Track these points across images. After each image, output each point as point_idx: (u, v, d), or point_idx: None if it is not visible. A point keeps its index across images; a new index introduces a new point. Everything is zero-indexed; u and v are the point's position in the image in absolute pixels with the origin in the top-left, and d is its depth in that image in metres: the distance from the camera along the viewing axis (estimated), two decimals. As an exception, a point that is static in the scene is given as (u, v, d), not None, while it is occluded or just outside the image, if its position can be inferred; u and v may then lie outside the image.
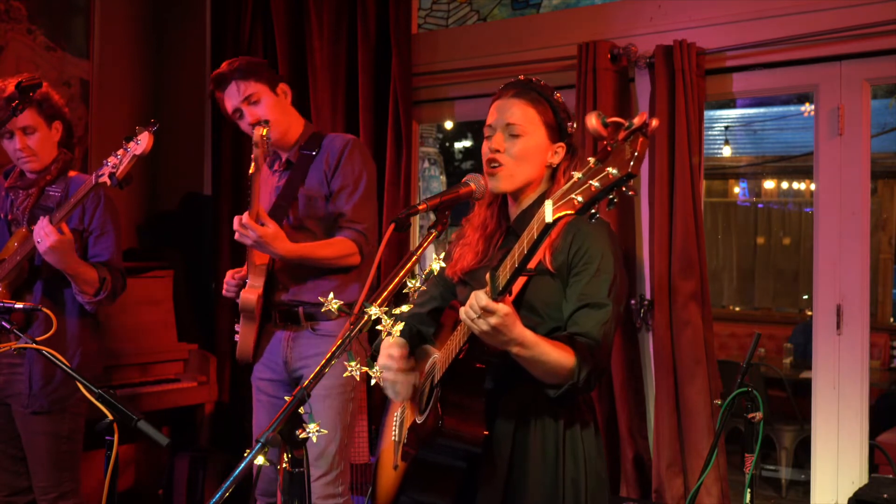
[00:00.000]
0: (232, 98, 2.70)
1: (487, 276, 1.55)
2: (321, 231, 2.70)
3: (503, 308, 1.54)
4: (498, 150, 1.83)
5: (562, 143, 1.87)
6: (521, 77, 1.90)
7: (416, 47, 3.80)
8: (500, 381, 1.79)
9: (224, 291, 2.77)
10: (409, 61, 3.74)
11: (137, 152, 2.52)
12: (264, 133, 2.53)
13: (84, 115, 4.20)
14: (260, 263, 2.67)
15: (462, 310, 1.60)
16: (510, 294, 1.57)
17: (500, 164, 1.83)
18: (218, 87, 2.72)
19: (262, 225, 2.50)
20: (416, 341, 2.00)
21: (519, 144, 1.83)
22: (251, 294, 2.66)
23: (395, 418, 2.03)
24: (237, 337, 2.75)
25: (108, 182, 2.55)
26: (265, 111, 2.68)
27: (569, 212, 1.32)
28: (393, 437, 2.00)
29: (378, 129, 3.78)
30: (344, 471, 2.68)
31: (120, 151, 2.55)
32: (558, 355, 1.67)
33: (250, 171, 2.54)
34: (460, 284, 1.96)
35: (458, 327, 1.71)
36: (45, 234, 2.62)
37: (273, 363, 2.75)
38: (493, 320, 1.54)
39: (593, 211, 1.32)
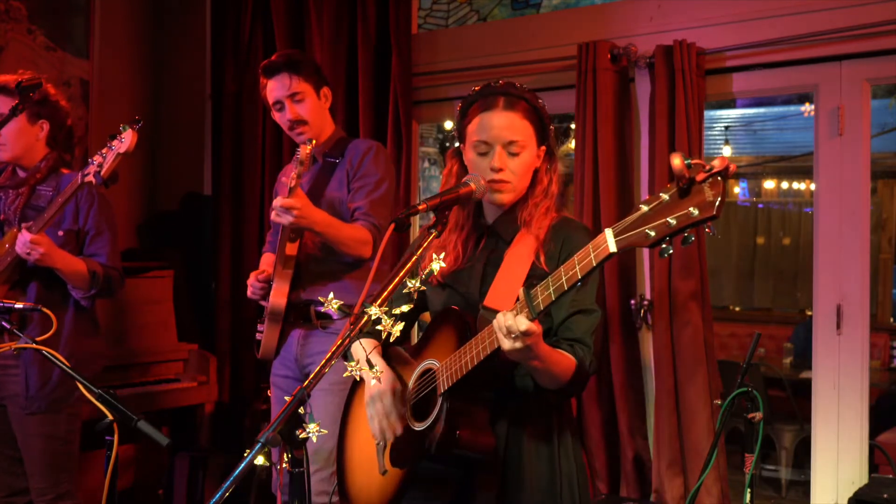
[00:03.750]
0: (278, 90, 2.75)
1: (521, 295, 1.58)
2: None
3: (540, 329, 1.59)
4: (502, 169, 1.84)
5: (544, 146, 1.91)
6: (502, 82, 1.89)
7: (416, 47, 3.80)
8: (498, 389, 1.82)
9: (249, 294, 2.78)
10: (409, 61, 3.74)
11: (121, 150, 2.50)
12: (309, 151, 2.54)
13: (84, 115, 4.20)
14: (286, 269, 2.68)
15: (496, 325, 1.61)
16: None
17: (505, 182, 1.85)
18: (267, 74, 2.78)
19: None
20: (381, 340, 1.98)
21: (519, 160, 1.85)
22: (280, 298, 2.69)
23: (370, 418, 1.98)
24: (259, 336, 2.76)
25: (94, 181, 2.53)
26: (306, 112, 2.76)
27: (639, 244, 1.38)
28: (378, 442, 1.95)
29: (378, 129, 3.78)
30: None
31: (104, 150, 2.53)
32: (564, 365, 1.74)
33: (290, 186, 2.52)
34: (439, 287, 1.95)
35: (475, 339, 1.71)
36: (30, 249, 2.63)
37: (287, 360, 2.81)
38: (529, 341, 1.58)
39: (664, 246, 1.36)
